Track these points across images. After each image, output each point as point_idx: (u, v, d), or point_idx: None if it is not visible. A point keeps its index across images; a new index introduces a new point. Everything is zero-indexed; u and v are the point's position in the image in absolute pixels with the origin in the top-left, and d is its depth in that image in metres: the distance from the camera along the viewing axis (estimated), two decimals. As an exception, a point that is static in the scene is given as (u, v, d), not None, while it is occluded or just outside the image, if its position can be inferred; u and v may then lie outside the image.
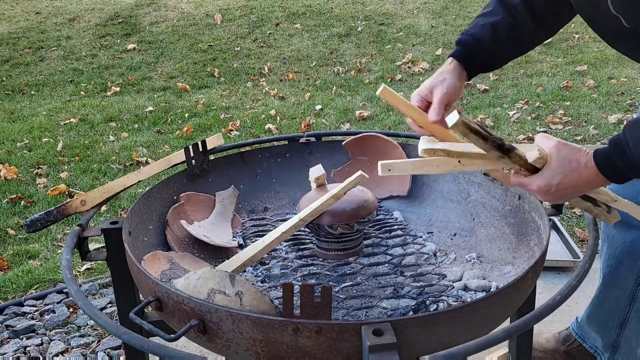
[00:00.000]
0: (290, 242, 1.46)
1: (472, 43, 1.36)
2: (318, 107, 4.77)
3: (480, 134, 1.00)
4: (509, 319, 1.30)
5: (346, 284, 1.29)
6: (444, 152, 1.10)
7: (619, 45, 1.29)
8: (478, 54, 1.37)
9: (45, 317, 2.34)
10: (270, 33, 6.98)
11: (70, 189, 3.49)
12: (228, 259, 1.33)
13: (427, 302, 1.24)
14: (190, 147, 1.60)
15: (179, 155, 1.61)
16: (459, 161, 1.12)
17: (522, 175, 1.08)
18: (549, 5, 1.37)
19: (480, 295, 1.26)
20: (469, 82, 1.53)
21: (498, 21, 1.36)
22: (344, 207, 1.31)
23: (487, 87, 4.99)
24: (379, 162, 1.13)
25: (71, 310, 2.39)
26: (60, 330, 2.27)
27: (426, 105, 1.31)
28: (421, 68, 5.57)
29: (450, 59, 1.36)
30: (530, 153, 1.06)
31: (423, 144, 1.13)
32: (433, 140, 1.15)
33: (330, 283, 1.30)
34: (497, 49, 1.39)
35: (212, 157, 1.67)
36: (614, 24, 1.13)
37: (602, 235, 1.70)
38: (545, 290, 2.16)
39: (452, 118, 0.99)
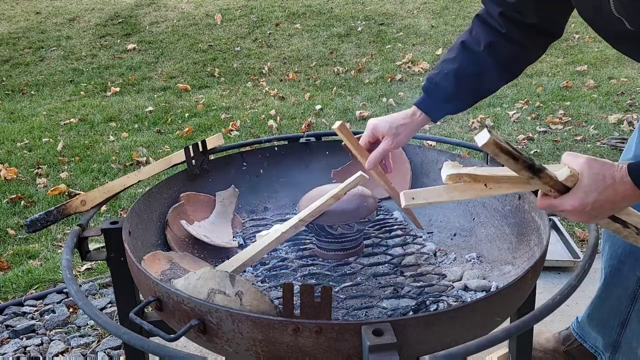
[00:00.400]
0: (290, 242, 1.46)
1: (436, 91, 1.40)
2: (318, 107, 4.77)
3: (511, 154, 0.93)
4: (509, 319, 1.30)
5: (346, 284, 1.29)
6: (470, 176, 1.05)
7: (622, 47, 1.29)
8: (442, 101, 1.40)
9: (45, 317, 2.34)
10: (270, 33, 6.98)
11: (70, 189, 3.48)
12: (228, 259, 1.33)
13: (427, 302, 1.24)
14: (190, 147, 1.60)
15: (179, 155, 1.61)
16: (486, 185, 1.06)
17: (551, 197, 1.02)
18: (514, 49, 1.38)
19: (480, 295, 1.26)
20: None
21: (459, 69, 1.38)
22: (344, 207, 1.31)
23: (487, 87, 4.98)
24: (402, 192, 1.08)
25: (71, 310, 2.39)
26: (60, 330, 2.27)
27: (373, 142, 1.40)
28: (421, 68, 5.56)
29: (418, 111, 1.40)
30: (560, 172, 1.00)
31: (447, 169, 1.07)
32: (457, 165, 1.10)
33: (330, 283, 1.30)
34: (460, 96, 1.42)
35: (212, 157, 1.67)
36: (617, 26, 1.13)
37: (603, 235, 1.70)
38: (545, 290, 2.16)
39: (483, 137, 0.92)
